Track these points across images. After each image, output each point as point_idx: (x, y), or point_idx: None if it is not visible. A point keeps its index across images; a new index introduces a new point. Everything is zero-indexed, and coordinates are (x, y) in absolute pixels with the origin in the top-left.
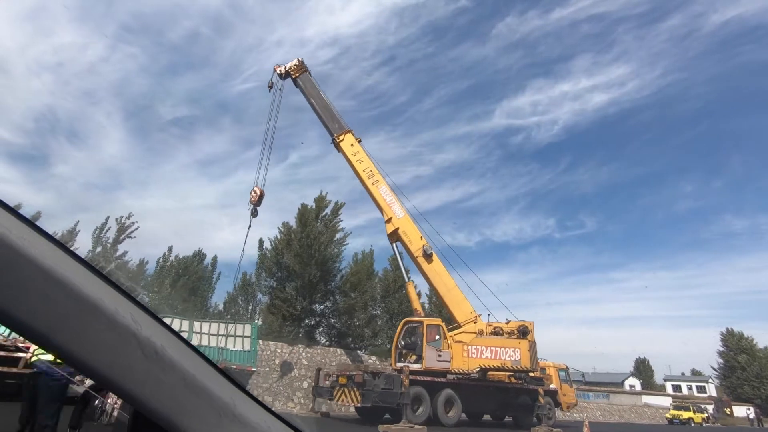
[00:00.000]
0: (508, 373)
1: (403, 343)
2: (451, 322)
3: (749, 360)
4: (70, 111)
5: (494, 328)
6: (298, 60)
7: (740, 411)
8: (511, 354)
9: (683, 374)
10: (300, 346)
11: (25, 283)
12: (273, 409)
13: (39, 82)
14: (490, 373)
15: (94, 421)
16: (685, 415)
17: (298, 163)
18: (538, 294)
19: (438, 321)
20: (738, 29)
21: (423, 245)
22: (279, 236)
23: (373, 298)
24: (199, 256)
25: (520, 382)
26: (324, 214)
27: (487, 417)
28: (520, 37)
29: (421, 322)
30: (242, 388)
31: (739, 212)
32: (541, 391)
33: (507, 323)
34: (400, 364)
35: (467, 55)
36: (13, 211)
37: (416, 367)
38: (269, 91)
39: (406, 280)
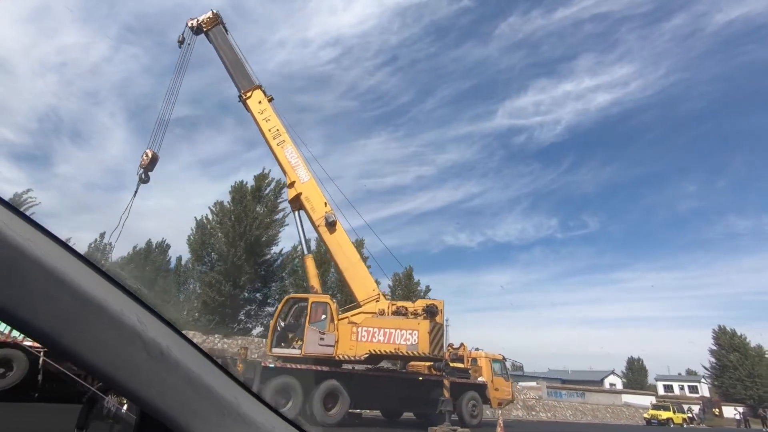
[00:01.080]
0: (428, 363)
1: (282, 324)
2: (353, 301)
3: (741, 358)
4: (73, 111)
5: (398, 308)
6: (213, 12)
7: (732, 411)
8: (408, 337)
9: (680, 374)
10: (217, 336)
11: (31, 284)
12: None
13: (42, 83)
14: (411, 363)
15: (118, 423)
16: (664, 415)
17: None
18: (539, 294)
19: (326, 298)
20: (742, 29)
21: (325, 212)
22: (211, 216)
23: (328, 285)
24: (162, 247)
25: (438, 373)
26: (266, 192)
27: (409, 415)
28: (523, 37)
29: (306, 299)
30: (246, 388)
31: (742, 212)
32: (446, 383)
33: (414, 302)
34: (277, 350)
35: (470, 55)
36: (18, 212)
37: (295, 353)
38: (179, 46)
39: (306, 253)
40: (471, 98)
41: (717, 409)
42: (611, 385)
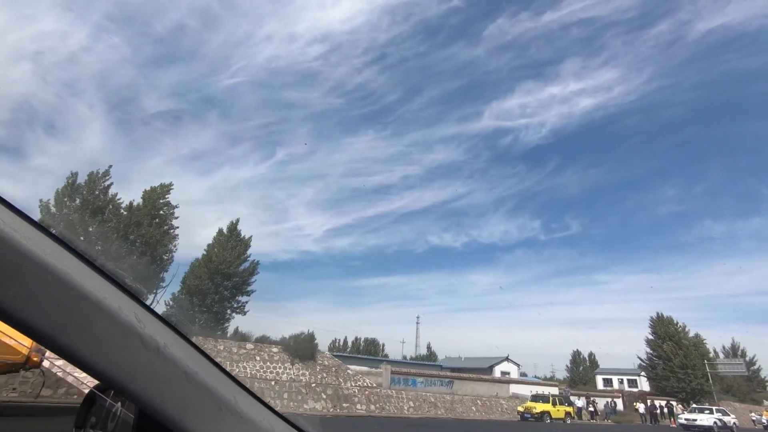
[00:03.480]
0: None
1: None
2: None
3: (674, 348)
4: (49, 101)
5: None
6: None
7: (658, 405)
8: None
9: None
10: None
11: (30, 283)
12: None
13: (17, 71)
14: None
15: (116, 422)
16: (539, 407)
17: (285, 161)
18: (523, 295)
19: None
20: (722, 38)
21: None
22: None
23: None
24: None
25: None
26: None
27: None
28: (511, 39)
29: None
30: (244, 386)
31: (718, 217)
32: None
33: None
34: None
35: (458, 56)
36: (17, 210)
37: None
38: None
39: None
40: (458, 99)
41: (637, 404)
42: (503, 373)
